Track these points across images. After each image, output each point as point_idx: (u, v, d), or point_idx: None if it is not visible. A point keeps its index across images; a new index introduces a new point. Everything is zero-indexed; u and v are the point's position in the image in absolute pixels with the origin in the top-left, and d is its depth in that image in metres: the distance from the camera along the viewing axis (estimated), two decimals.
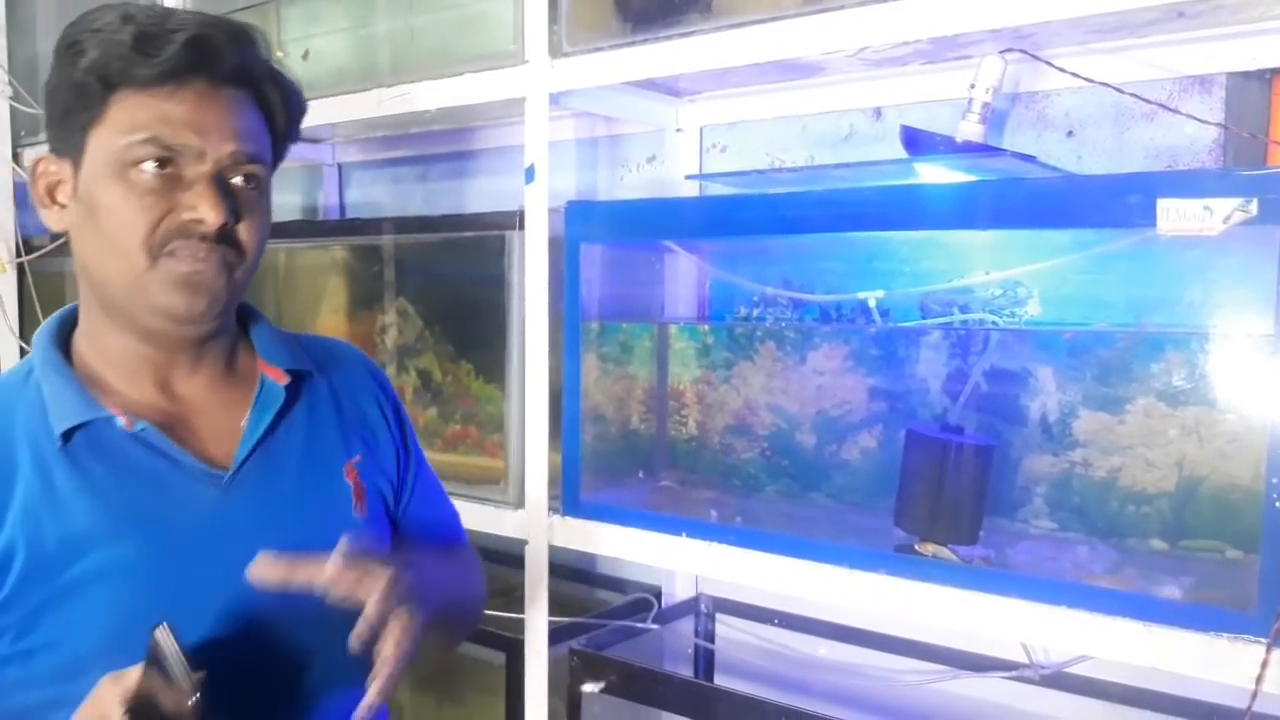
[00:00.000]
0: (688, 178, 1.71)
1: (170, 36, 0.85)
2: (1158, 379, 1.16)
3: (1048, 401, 1.23)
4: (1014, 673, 1.46)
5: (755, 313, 1.59)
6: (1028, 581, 1.14)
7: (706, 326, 1.59)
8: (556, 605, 1.56)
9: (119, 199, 0.85)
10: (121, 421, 0.89)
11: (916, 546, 1.22)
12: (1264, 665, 0.97)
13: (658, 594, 1.80)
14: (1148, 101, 1.29)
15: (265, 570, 0.83)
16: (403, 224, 1.88)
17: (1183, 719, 1.36)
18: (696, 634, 1.79)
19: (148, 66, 0.85)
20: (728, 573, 1.37)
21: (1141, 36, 1.26)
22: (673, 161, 1.79)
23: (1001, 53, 1.26)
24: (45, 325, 0.96)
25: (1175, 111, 1.30)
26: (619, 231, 1.54)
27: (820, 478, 1.42)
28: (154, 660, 0.76)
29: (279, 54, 1.98)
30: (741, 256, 1.62)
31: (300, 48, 1.98)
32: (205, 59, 0.86)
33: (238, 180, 0.89)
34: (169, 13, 0.89)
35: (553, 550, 1.53)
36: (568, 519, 1.51)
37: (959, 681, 1.53)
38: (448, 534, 1.15)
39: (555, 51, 1.50)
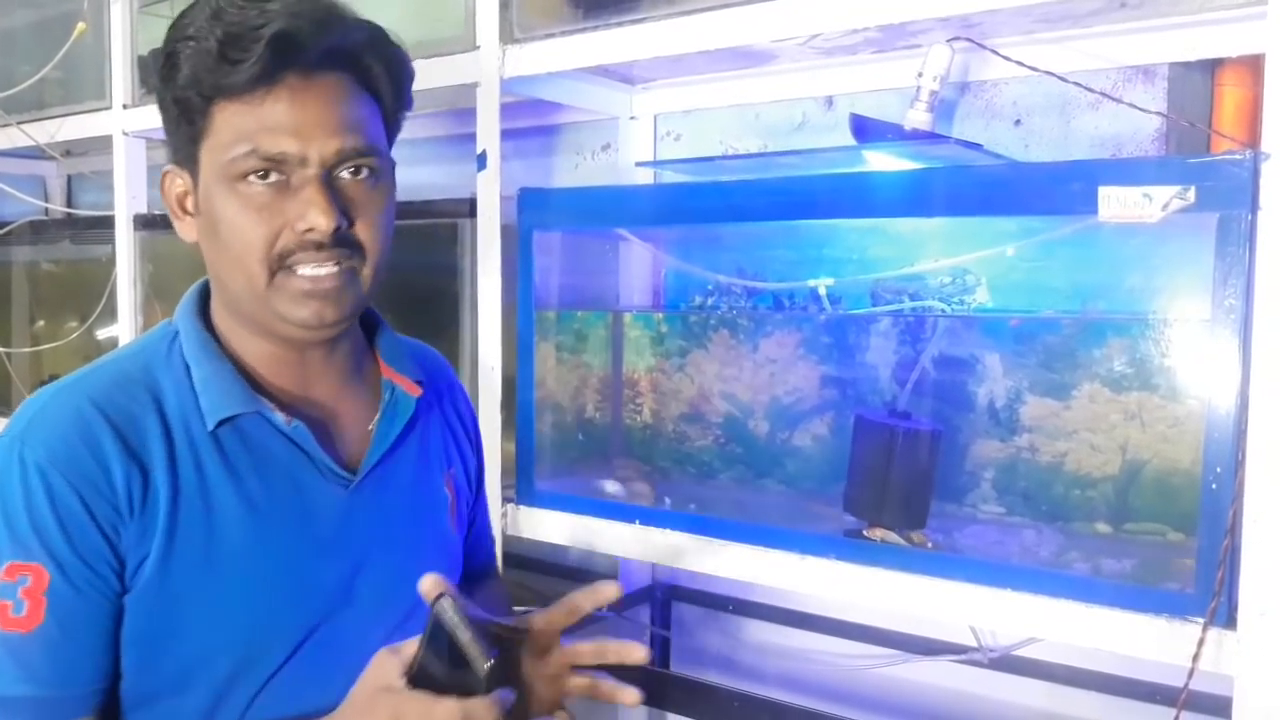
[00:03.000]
0: (639, 165, 1.71)
1: (256, 34, 0.80)
2: (1101, 364, 1.17)
3: (995, 387, 1.25)
4: (963, 656, 1.48)
5: (709, 301, 1.59)
6: (975, 565, 1.16)
7: (661, 315, 1.59)
8: (511, 594, 1.56)
9: (235, 213, 0.83)
10: (280, 418, 0.88)
11: (865, 532, 1.23)
12: (1200, 644, 0.99)
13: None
14: (1092, 91, 1.31)
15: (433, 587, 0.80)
16: None
17: (1127, 699, 1.39)
18: (652, 621, 1.80)
19: (237, 73, 0.81)
20: (681, 559, 1.37)
21: (1086, 26, 1.28)
22: (627, 149, 1.78)
23: (949, 41, 1.27)
24: (188, 304, 0.93)
25: (1119, 101, 1.31)
26: (573, 219, 1.54)
27: (772, 464, 1.43)
28: (434, 632, 0.75)
29: None
30: (695, 244, 1.62)
31: None
32: (293, 53, 0.81)
33: (347, 175, 0.85)
34: (257, 5, 0.82)
35: (508, 539, 1.53)
36: (523, 508, 1.51)
37: (910, 665, 1.55)
38: (490, 554, 1.16)
39: (507, 37, 1.49)
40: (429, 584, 0.79)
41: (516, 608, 1.51)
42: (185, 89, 0.83)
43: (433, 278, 1.65)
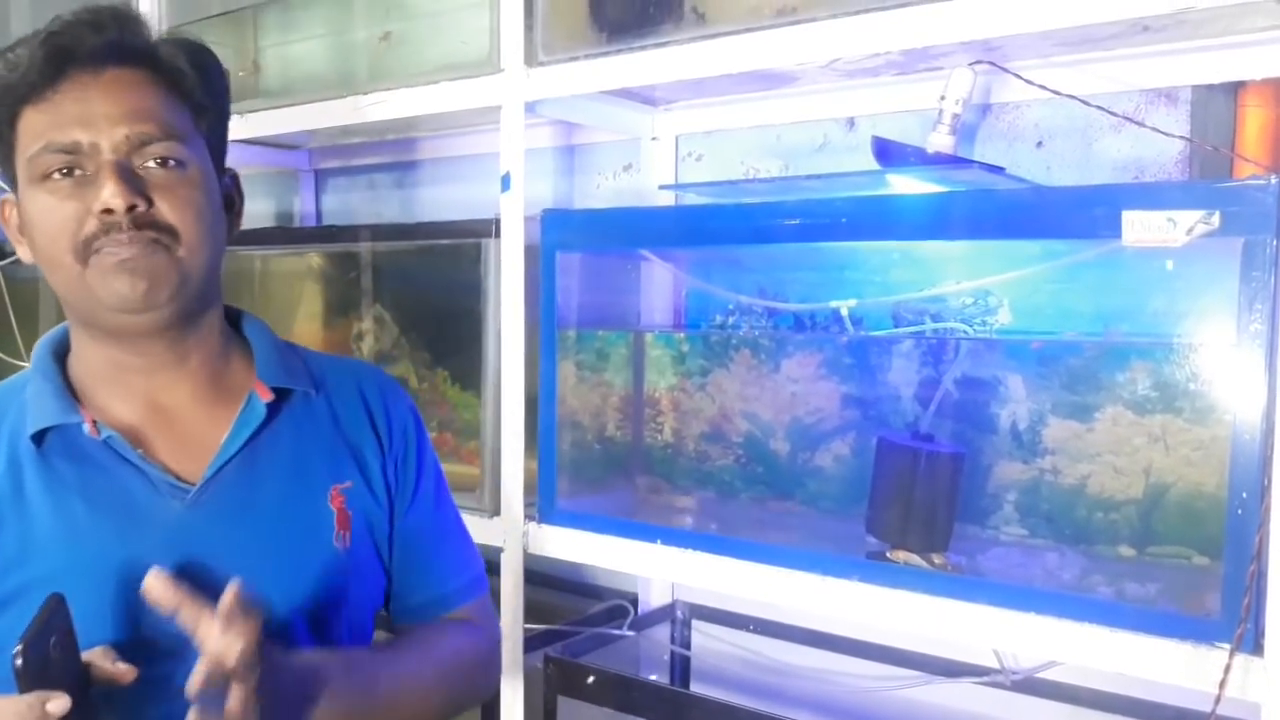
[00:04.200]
0: (662, 188, 1.72)
1: (39, 40, 0.85)
2: (1125, 387, 1.17)
3: (1017, 409, 1.25)
4: (985, 678, 1.47)
5: (730, 321, 1.60)
6: (998, 588, 1.16)
7: (682, 334, 1.60)
8: (532, 612, 1.57)
9: (42, 212, 0.86)
10: (88, 427, 0.88)
11: (888, 554, 1.23)
12: (1227, 670, 0.98)
13: (634, 600, 1.80)
14: (1114, 114, 1.31)
15: (156, 586, 0.79)
16: (379, 231, 1.88)
17: None
18: (672, 640, 1.80)
19: (16, 74, 0.85)
20: (703, 579, 1.37)
21: (1108, 50, 1.28)
22: (648, 170, 1.80)
23: (971, 65, 1.28)
24: (48, 334, 0.97)
25: (1141, 124, 1.32)
26: (595, 240, 1.55)
27: (794, 485, 1.43)
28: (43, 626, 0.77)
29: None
30: (717, 265, 1.63)
31: (277, 54, 1.98)
32: (68, 49, 0.86)
33: (151, 164, 0.87)
34: (52, 21, 0.87)
35: (528, 557, 1.54)
36: (544, 526, 1.51)
37: (931, 687, 1.54)
38: (441, 591, 1.07)
39: (531, 60, 1.51)
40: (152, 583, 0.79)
41: (530, 625, 1.53)
42: None
43: (457, 297, 1.67)
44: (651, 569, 1.42)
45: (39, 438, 0.88)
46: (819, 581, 1.25)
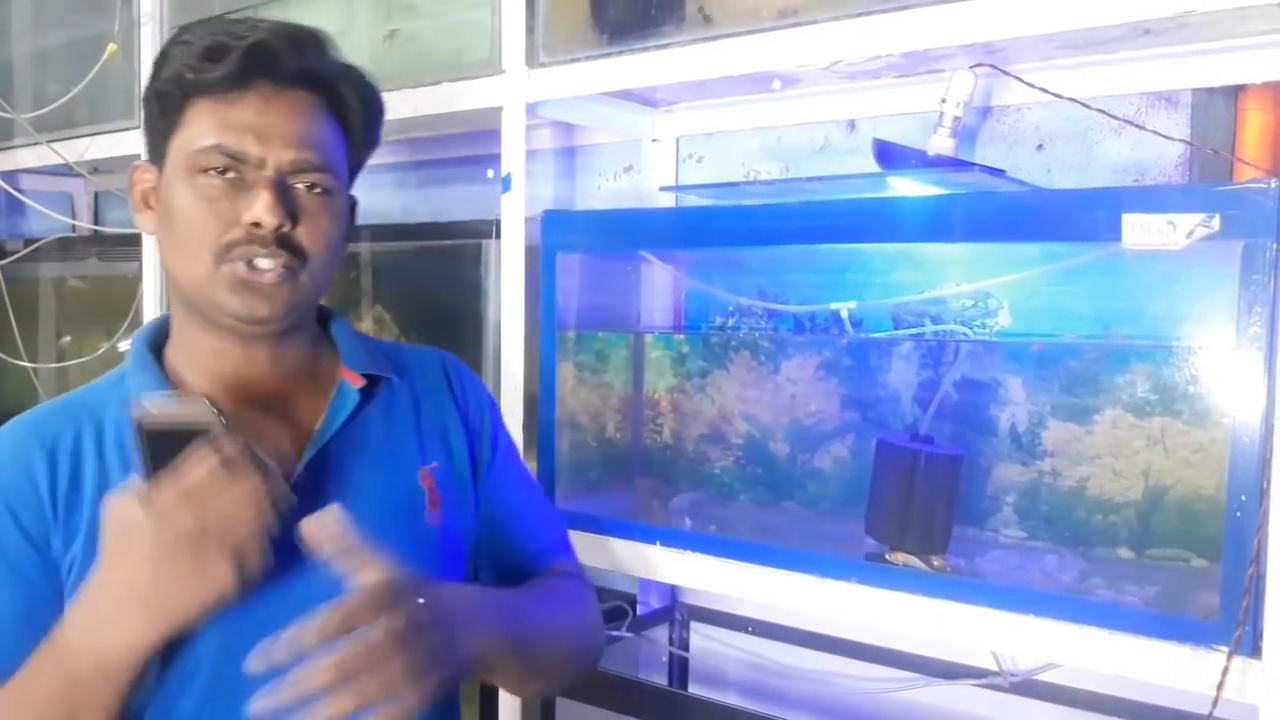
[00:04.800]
0: (662, 189, 1.72)
1: (238, 42, 0.88)
2: (1124, 390, 1.17)
3: (1017, 412, 1.25)
4: (984, 680, 1.48)
5: (730, 323, 1.60)
6: (997, 590, 1.16)
7: (682, 336, 1.60)
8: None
9: (189, 204, 0.89)
10: None
11: (887, 555, 1.23)
12: (1225, 672, 0.98)
13: (632, 602, 1.80)
14: (1114, 117, 1.31)
15: (319, 527, 0.81)
16: (380, 231, 1.88)
17: None
18: (671, 642, 1.80)
19: (213, 72, 0.88)
20: (702, 581, 1.38)
21: (1109, 53, 1.28)
22: (649, 171, 1.80)
23: (972, 68, 1.28)
24: (142, 329, 1.00)
25: (1141, 128, 1.32)
26: (596, 241, 1.55)
27: (793, 486, 1.43)
28: (150, 443, 0.79)
29: None
30: (717, 267, 1.63)
31: None
32: (267, 62, 0.89)
33: (301, 186, 0.91)
34: (250, 23, 0.91)
35: None
36: None
37: (930, 689, 1.55)
38: (531, 549, 1.09)
39: (532, 61, 1.51)
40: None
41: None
42: (167, 83, 0.90)
43: (457, 297, 1.67)
44: (650, 570, 1.42)
45: None
46: (818, 583, 1.25)
